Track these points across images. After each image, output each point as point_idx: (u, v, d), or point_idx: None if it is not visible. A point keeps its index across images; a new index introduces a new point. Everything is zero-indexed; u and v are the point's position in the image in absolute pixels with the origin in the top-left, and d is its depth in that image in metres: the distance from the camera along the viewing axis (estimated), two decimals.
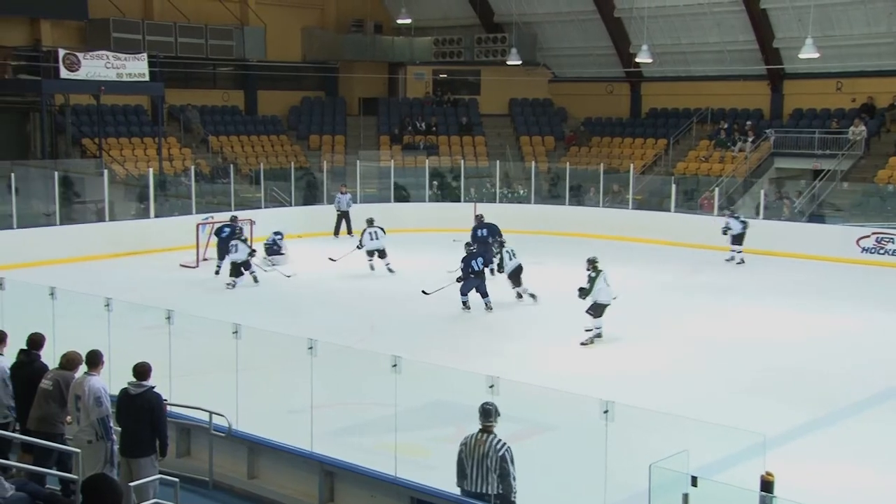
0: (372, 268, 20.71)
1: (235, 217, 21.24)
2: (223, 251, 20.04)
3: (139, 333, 10.74)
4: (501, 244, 18.40)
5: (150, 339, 10.08)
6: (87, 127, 27.85)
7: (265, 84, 32.79)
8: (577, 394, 8.28)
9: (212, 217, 22.47)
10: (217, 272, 20.12)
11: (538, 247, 24.08)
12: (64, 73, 24.22)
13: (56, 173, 22.04)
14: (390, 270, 20.54)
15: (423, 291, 17.63)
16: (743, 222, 22.33)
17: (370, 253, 20.69)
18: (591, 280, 14.48)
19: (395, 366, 7.98)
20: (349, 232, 25.50)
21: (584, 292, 14.59)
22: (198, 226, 21.65)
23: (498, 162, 28.80)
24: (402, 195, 28.32)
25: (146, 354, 8.18)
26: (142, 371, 7.88)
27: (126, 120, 29.47)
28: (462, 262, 17.06)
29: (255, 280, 19.51)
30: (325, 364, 8.77)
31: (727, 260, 22.38)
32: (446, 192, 28.93)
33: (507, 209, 27.85)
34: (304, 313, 17.11)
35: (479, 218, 21.12)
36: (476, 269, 16.92)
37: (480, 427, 7.11)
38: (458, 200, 28.09)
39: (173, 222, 23.67)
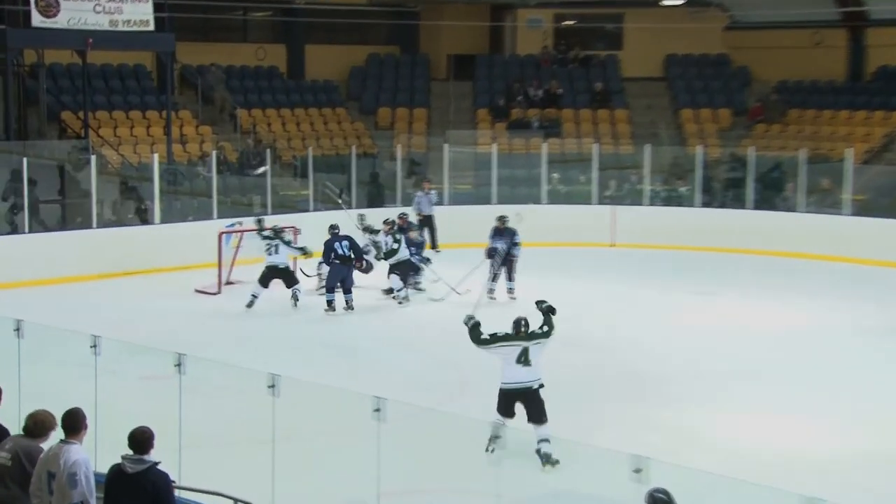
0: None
1: (296, 229, 21.53)
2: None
3: (137, 386, 10.97)
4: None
5: (152, 393, 10.29)
6: (68, 95, 28.63)
7: (316, 36, 33.36)
8: (764, 485, 8.15)
9: (240, 223, 22.72)
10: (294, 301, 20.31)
11: (706, 269, 23.78)
12: (37, 21, 24.75)
13: (25, 160, 22.57)
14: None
15: (301, 270, 21.41)
16: None
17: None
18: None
19: (496, 437, 7.96)
20: (434, 246, 25.58)
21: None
22: (220, 235, 21.97)
23: (648, 146, 28.60)
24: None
25: (147, 416, 8.34)
26: (141, 440, 8.01)
27: (122, 86, 30.25)
28: (324, 245, 19.88)
29: (295, 302, 20.10)
30: (397, 433, 8.81)
31: None
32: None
33: (661, 214, 27.71)
34: (368, 359, 17.23)
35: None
36: (341, 253, 19.59)
37: None
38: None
39: (187, 230, 24.21)
